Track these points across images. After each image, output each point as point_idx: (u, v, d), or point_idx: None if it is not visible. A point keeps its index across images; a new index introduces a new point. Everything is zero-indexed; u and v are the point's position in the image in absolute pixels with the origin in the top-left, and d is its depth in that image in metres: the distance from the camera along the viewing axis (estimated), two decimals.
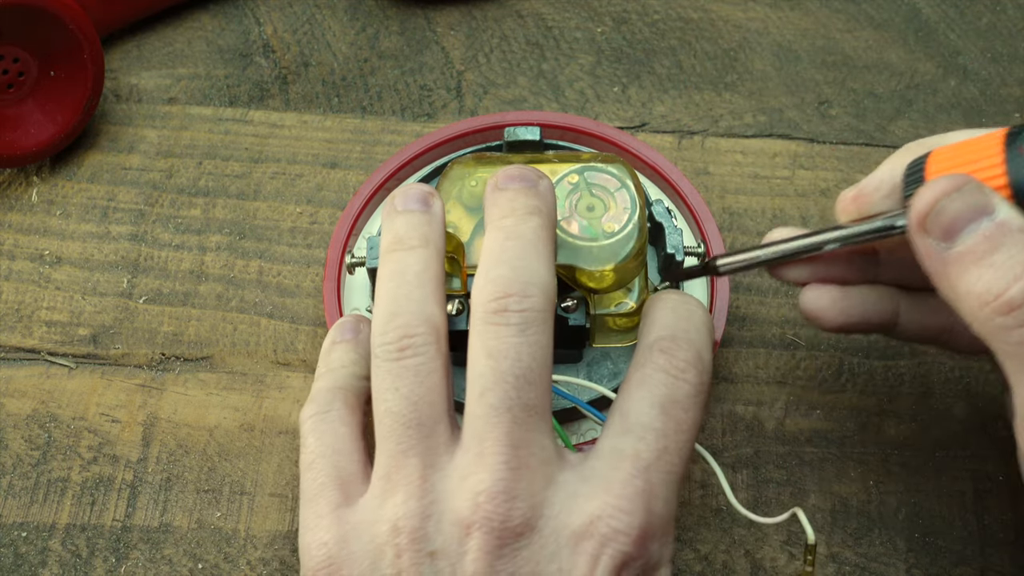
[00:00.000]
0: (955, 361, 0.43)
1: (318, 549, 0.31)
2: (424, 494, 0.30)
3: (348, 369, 0.36)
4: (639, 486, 0.30)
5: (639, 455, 0.30)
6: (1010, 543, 0.40)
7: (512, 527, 0.29)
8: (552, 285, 0.32)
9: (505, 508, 0.29)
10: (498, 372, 0.30)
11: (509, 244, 0.32)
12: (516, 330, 0.31)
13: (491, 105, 0.50)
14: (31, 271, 0.45)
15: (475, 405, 0.30)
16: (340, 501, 0.32)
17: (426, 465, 0.30)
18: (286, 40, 0.52)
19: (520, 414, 0.30)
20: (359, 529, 0.31)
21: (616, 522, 0.29)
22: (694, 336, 0.32)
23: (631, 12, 0.53)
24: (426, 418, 0.31)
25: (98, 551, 0.39)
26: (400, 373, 0.31)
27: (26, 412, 0.42)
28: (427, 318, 0.32)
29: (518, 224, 0.32)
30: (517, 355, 0.30)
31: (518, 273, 0.31)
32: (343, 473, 0.32)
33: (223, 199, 0.47)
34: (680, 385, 0.31)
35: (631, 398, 0.31)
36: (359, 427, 0.34)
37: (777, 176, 0.48)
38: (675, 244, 0.39)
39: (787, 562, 0.39)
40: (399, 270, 0.33)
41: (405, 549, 0.30)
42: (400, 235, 0.34)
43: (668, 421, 0.31)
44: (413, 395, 0.31)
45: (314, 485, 0.32)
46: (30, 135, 0.46)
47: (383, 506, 0.31)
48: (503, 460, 0.29)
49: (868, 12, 0.53)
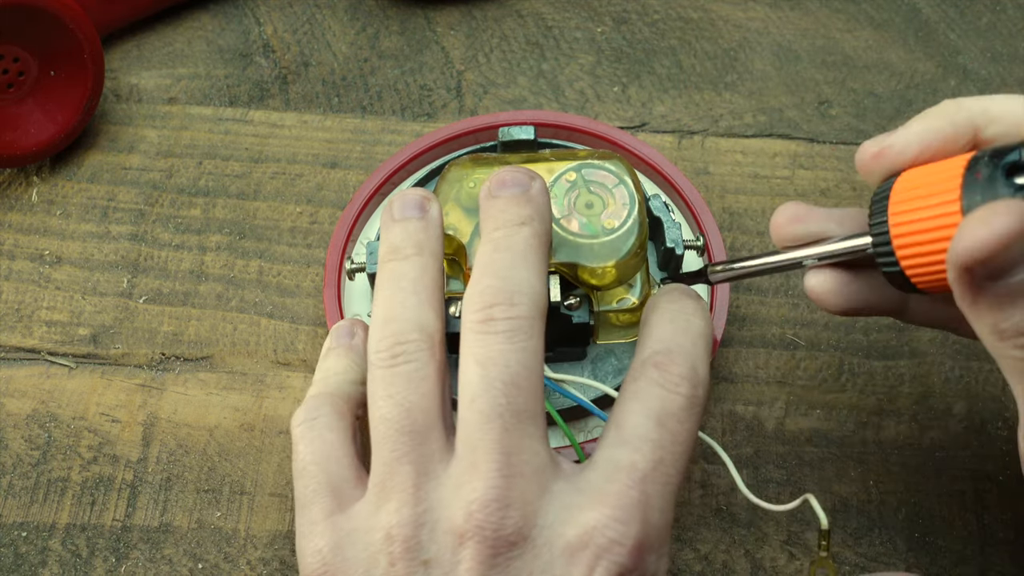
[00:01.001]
0: (955, 361, 0.43)
1: (313, 556, 0.31)
2: (418, 502, 0.30)
3: (340, 376, 0.36)
4: (635, 497, 0.30)
5: (635, 466, 0.30)
6: (1010, 543, 0.40)
7: (505, 536, 0.29)
8: (542, 293, 0.32)
9: (498, 517, 0.29)
10: (486, 379, 0.30)
11: (497, 256, 0.32)
12: (503, 338, 0.31)
13: (491, 105, 0.50)
14: (31, 271, 0.45)
15: (466, 411, 0.30)
16: (333, 508, 0.32)
17: (420, 473, 0.30)
18: (286, 40, 0.52)
19: (511, 420, 0.30)
20: (353, 536, 0.31)
21: (613, 533, 0.29)
22: (689, 349, 0.32)
23: (631, 12, 0.53)
24: (419, 425, 0.31)
25: (98, 551, 0.39)
26: (393, 380, 0.31)
27: (26, 412, 0.42)
28: (421, 325, 0.32)
29: (508, 236, 0.33)
30: (505, 362, 0.30)
31: (505, 283, 0.31)
32: (334, 479, 0.32)
33: (223, 199, 0.47)
34: (674, 398, 0.31)
35: (626, 410, 0.31)
36: (348, 432, 0.34)
37: (777, 176, 0.48)
38: (674, 238, 0.39)
39: (787, 562, 0.39)
40: (394, 278, 0.33)
41: (399, 558, 0.30)
42: (396, 244, 0.34)
43: (664, 433, 0.31)
44: (406, 401, 0.31)
45: (307, 492, 0.32)
46: (30, 135, 0.46)
47: (377, 513, 0.31)
48: (496, 468, 0.29)
49: (868, 12, 0.53)
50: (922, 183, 0.30)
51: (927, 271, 0.30)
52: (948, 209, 0.28)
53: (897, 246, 0.30)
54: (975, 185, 0.28)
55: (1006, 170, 0.28)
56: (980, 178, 0.28)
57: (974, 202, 0.28)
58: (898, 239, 0.30)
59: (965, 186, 0.28)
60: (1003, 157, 0.28)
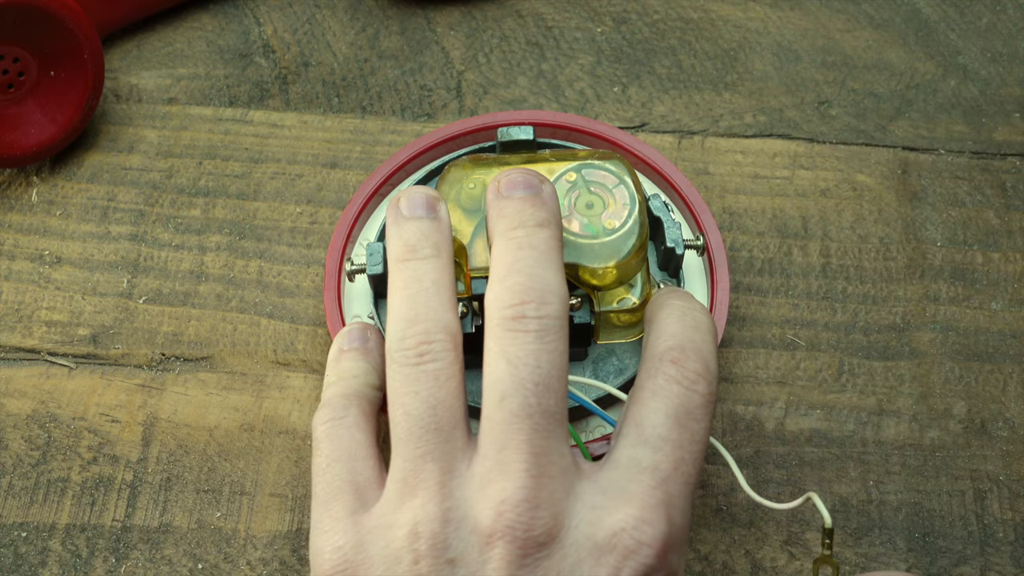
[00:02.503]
0: (955, 361, 0.43)
1: (333, 553, 0.31)
2: (443, 499, 0.30)
3: (360, 379, 0.36)
4: (660, 498, 0.30)
5: (658, 466, 0.30)
6: (1010, 543, 0.40)
7: (535, 536, 0.29)
8: (566, 296, 0.32)
9: (528, 517, 0.29)
10: (518, 378, 0.30)
11: (523, 254, 0.32)
12: (535, 336, 0.31)
13: (491, 105, 0.50)
14: (31, 271, 0.45)
15: (494, 410, 0.30)
16: (356, 506, 0.32)
17: (444, 470, 0.30)
18: (286, 40, 0.52)
19: (540, 421, 0.30)
20: (375, 533, 0.31)
21: (641, 534, 0.29)
22: (701, 346, 0.33)
23: (631, 12, 0.53)
24: (445, 422, 0.31)
25: (98, 551, 0.39)
26: (419, 377, 0.31)
27: (26, 412, 0.42)
28: (445, 325, 0.32)
29: (530, 235, 0.33)
30: (536, 362, 0.30)
31: (534, 281, 0.31)
32: (359, 478, 0.32)
33: (223, 199, 0.47)
34: (692, 396, 0.31)
35: (645, 408, 0.31)
36: (374, 435, 0.34)
37: (777, 176, 0.48)
38: (674, 238, 0.39)
39: (787, 562, 0.39)
40: (415, 278, 0.33)
41: (424, 555, 0.29)
42: (412, 244, 0.34)
43: (683, 432, 0.31)
44: (432, 399, 0.31)
45: (329, 489, 0.32)
46: (30, 135, 0.46)
47: (400, 509, 0.30)
48: (525, 468, 0.29)
49: (868, 12, 0.53)
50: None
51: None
52: None
53: None
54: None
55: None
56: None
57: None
58: None
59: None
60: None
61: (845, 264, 0.45)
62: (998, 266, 0.46)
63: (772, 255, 0.46)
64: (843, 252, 0.46)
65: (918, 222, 0.47)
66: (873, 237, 0.46)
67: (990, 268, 0.45)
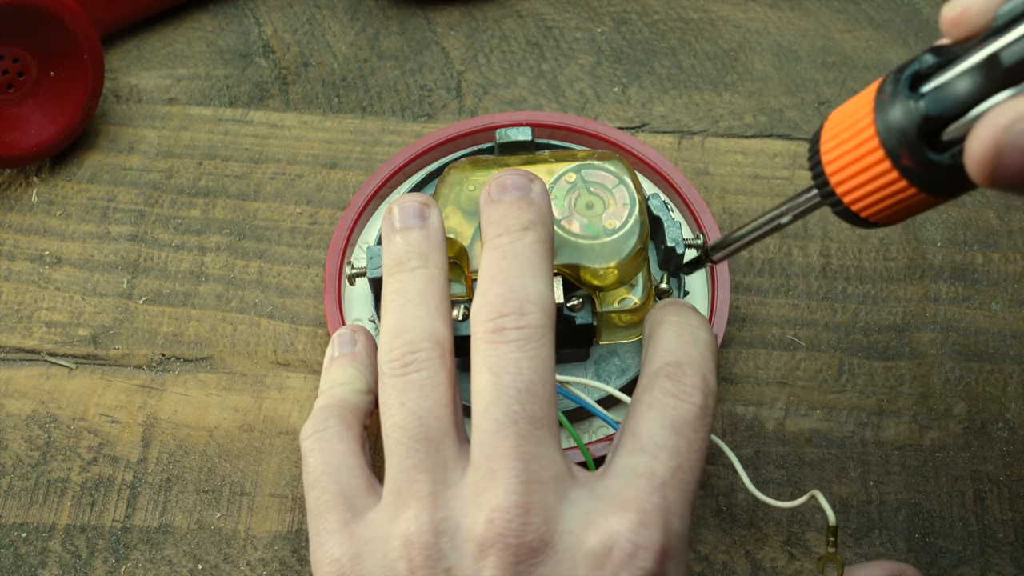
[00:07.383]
0: (955, 361, 0.43)
1: (330, 565, 0.31)
2: (436, 509, 0.30)
3: (346, 386, 0.36)
4: (657, 503, 0.30)
5: (654, 472, 0.30)
6: (1010, 543, 0.40)
7: (527, 543, 0.29)
8: (550, 300, 0.32)
9: (519, 523, 0.29)
10: (500, 387, 0.30)
11: (505, 264, 0.32)
12: (515, 346, 0.31)
13: (491, 105, 0.50)
14: (31, 271, 0.45)
15: (480, 420, 0.30)
16: (348, 517, 0.32)
17: (436, 480, 0.30)
18: (286, 40, 0.52)
19: (526, 427, 0.30)
20: (371, 545, 0.31)
21: (637, 538, 0.29)
22: (698, 360, 0.33)
23: (631, 12, 0.53)
24: (433, 431, 0.31)
25: (98, 552, 0.39)
26: (405, 388, 0.31)
27: (26, 412, 0.42)
28: (430, 334, 0.32)
29: (513, 242, 0.33)
30: (518, 369, 0.30)
31: (515, 292, 0.31)
32: (347, 488, 0.32)
33: (223, 199, 0.47)
34: (688, 407, 0.31)
35: (641, 419, 0.31)
36: (357, 442, 0.34)
37: (777, 176, 0.48)
38: (675, 237, 0.39)
39: (787, 563, 0.39)
40: (401, 290, 0.33)
41: (419, 566, 0.29)
42: (399, 256, 0.34)
43: (680, 440, 0.31)
44: (419, 409, 0.31)
45: (320, 502, 0.32)
46: (30, 135, 0.46)
47: (395, 521, 0.30)
48: (514, 474, 0.29)
49: (868, 12, 0.53)
50: (844, 116, 0.30)
51: (872, 202, 0.29)
52: (865, 136, 0.28)
53: (835, 183, 0.30)
54: (883, 105, 0.28)
55: (909, 83, 0.27)
56: (886, 97, 0.28)
57: (885, 123, 0.28)
58: (834, 177, 0.30)
59: (876, 110, 0.28)
60: (904, 71, 0.28)
61: (845, 264, 0.46)
62: (998, 266, 0.46)
63: (772, 255, 0.46)
64: (843, 252, 0.46)
65: (918, 222, 0.47)
66: (873, 237, 0.46)
67: (990, 268, 0.46)
